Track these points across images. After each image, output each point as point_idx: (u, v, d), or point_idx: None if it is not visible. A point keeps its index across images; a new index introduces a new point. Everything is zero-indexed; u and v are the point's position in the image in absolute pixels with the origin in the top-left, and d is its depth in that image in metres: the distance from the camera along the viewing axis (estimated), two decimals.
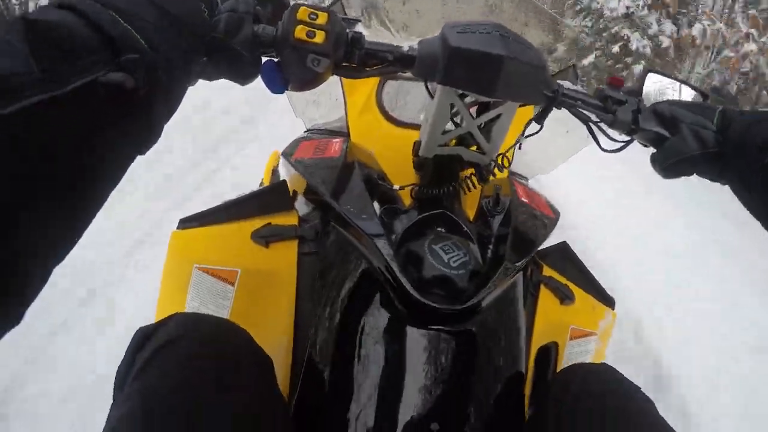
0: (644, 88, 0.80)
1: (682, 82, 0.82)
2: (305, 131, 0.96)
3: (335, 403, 0.55)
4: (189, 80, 0.44)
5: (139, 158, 0.38)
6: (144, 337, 0.51)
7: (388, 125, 0.86)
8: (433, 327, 0.56)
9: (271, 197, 0.71)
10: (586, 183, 3.12)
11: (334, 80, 0.85)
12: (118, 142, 0.34)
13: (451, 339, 0.57)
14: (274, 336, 0.63)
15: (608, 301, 0.83)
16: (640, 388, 0.60)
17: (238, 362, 0.50)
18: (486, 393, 0.57)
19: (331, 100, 0.96)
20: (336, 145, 0.78)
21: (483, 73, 0.51)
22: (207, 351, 0.49)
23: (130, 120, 0.35)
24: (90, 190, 0.32)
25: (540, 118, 0.61)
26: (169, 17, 0.39)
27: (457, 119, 0.63)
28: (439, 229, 0.62)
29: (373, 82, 0.90)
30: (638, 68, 5.89)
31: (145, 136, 0.37)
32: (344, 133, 0.86)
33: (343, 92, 0.88)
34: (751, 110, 0.58)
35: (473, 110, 0.63)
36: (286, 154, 0.78)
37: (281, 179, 0.77)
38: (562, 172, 1.11)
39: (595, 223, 2.77)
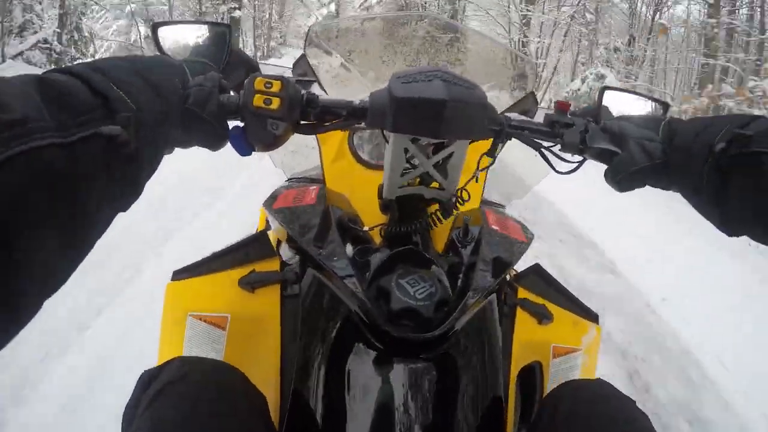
0: (603, 104, 0.83)
1: (639, 94, 0.85)
2: (286, 180, 1.01)
3: None
4: (167, 143, 0.50)
5: None
6: (149, 378, 0.56)
7: (361, 168, 0.91)
8: (408, 359, 0.59)
9: (254, 246, 0.76)
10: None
11: None
12: (110, 192, 0.39)
13: (427, 368, 0.60)
14: (264, 375, 0.66)
15: (591, 316, 0.85)
16: (634, 401, 0.61)
17: (235, 400, 0.54)
18: (465, 415, 0.59)
19: (307, 148, 1.02)
20: (312, 192, 0.83)
21: (427, 117, 0.55)
22: (206, 390, 0.54)
23: (121, 172, 0.40)
24: (82, 235, 0.37)
25: (491, 152, 0.65)
26: (150, 84, 0.45)
27: (414, 161, 0.67)
28: (408, 264, 0.65)
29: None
30: None
31: (130, 190, 0.42)
32: (321, 180, 0.91)
33: (318, 141, 0.94)
34: (694, 118, 0.61)
35: (430, 150, 0.67)
36: (267, 204, 0.83)
37: (263, 229, 0.82)
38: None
39: None
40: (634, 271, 2.78)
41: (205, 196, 3.34)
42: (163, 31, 0.73)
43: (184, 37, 0.74)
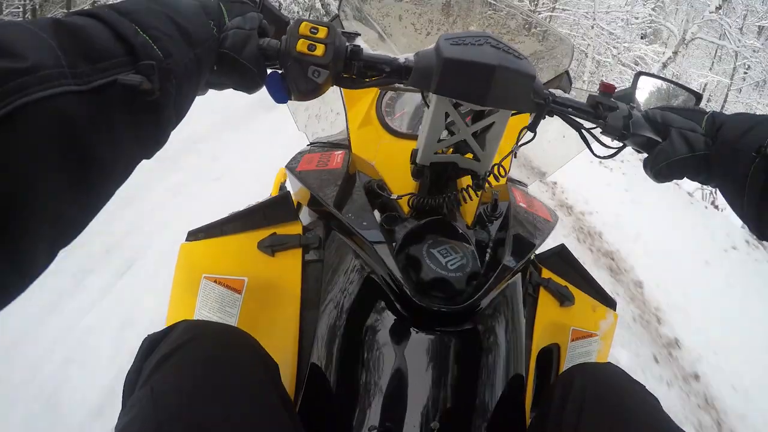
0: (637, 90, 0.81)
1: (674, 83, 0.83)
2: (308, 144, 0.99)
3: (339, 405, 0.56)
4: (197, 89, 0.48)
5: None
6: (152, 344, 0.53)
7: (388, 136, 0.88)
8: (434, 329, 0.58)
9: (275, 208, 0.74)
10: None
11: (335, 94, 0.88)
12: (129, 141, 0.37)
13: (451, 340, 0.58)
14: (280, 341, 0.65)
15: (609, 302, 0.84)
16: (644, 386, 0.60)
17: (244, 367, 0.52)
18: (486, 392, 0.59)
19: (332, 113, 0.99)
20: (338, 157, 0.80)
21: (475, 82, 0.53)
22: (213, 356, 0.51)
23: (143, 120, 0.38)
24: (98, 184, 0.35)
25: (533, 126, 0.63)
26: (181, 30, 0.43)
27: (453, 128, 0.65)
28: (438, 234, 0.63)
29: (372, 94, 0.93)
30: None
31: (153, 138, 0.40)
32: (346, 146, 0.89)
33: (344, 105, 0.91)
34: (738, 113, 0.59)
35: (468, 119, 0.65)
36: (290, 166, 0.80)
37: (285, 191, 0.80)
38: None
39: None
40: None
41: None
42: None
43: None
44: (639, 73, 0.82)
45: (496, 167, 0.66)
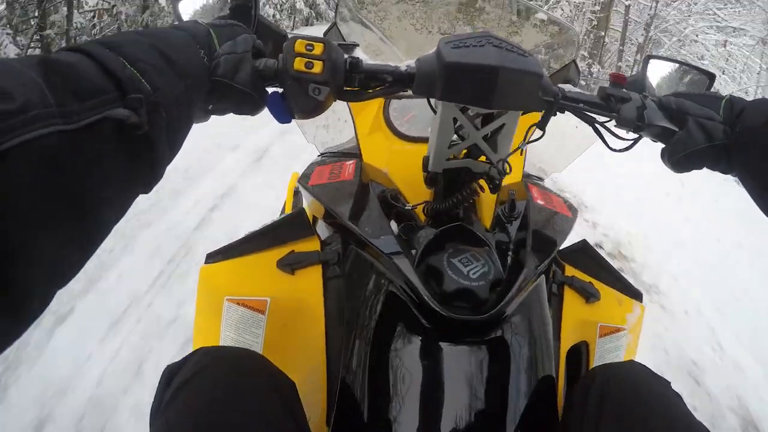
0: (647, 75, 0.79)
1: (685, 64, 0.81)
2: (319, 155, 0.99)
3: (373, 422, 0.56)
4: (191, 119, 0.47)
5: None
6: (171, 373, 0.54)
7: (399, 141, 0.87)
8: (461, 340, 0.57)
9: (291, 225, 0.74)
10: None
11: (341, 103, 0.88)
12: (122, 176, 0.36)
13: (480, 350, 0.58)
14: (307, 361, 0.65)
15: (635, 295, 0.82)
16: (669, 383, 0.59)
17: (254, 391, 0.51)
18: (519, 399, 0.58)
19: (340, 122, 0.99)
20: (349, 167, 0.80)
21: (480, 85, 0.52)
22: (226, 383, 0.51)
23: (135, 155, 0.37)
24: (93, 222, 0.34)
25: (542, 124, 0.62)
26: (169, 62, 0.42)
27: (463, 132, 0.64)
28: (457, 242, 0.63)
29: (379, 100, 0.92)
30: None
31: (147, 172, 0.40)
32: (356, 154, 0.88)
33: (351, 114, 0.91)
34: (759, 99, 0.56)
35: (478, 121, 0.64)
36: (302, 180, 0.80)
37: (299, 207, 0.80)
38: None
39: None
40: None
41: None
42: (184, 4, 0.70)
43: (207, 7, 0.71)
44: (648, 57, 0.80)
45: (500, 162, 0.64)
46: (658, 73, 0.82)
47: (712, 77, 0.80)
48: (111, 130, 0.34)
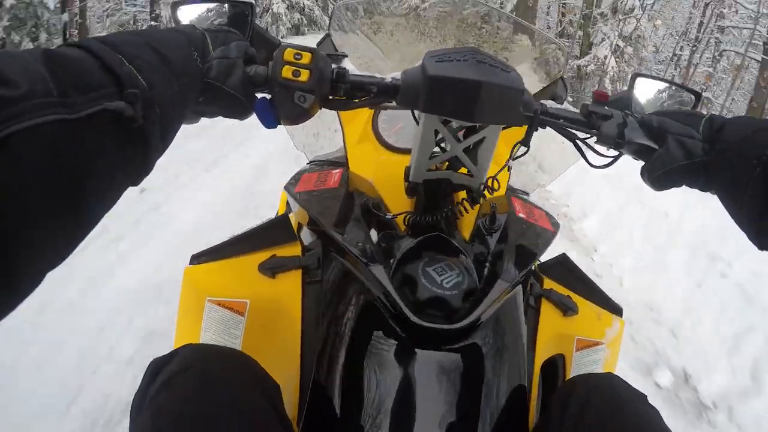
0: (634, 93, 0.80)
1: (671, 82, 0.82)
2: (308, 163, 1.00)
3: (341, 425, 0.56)
4: (183, 118, 0.49)
5: None
6: (156, 367, 0.54)
7: (386, 152, 0.89)
8: (433, 347, 0.58)
9: (274, 230, 0.75)
10: None
11: (331, 112, 0.89)
12: (116, 167, 0.38)
13: (452, 358, 0.58)
14: (283, 362, 0.65)
15: (615, 309, 0.83)
16: (645, 396, 0.59)
17: (243, 389, 0.52)
18: (489, 407, 0.58)
19: (330, 131, 1.00)
20: (335, 175, 0.81)
21: (462, 99, 0.54)
22: (212, 380, 0.52)
23: (129, 148, 0.39)
24: (86, 209, 0.36)
25: (526, 141, 0.63)
26: (164, 61, 0.44)
27: (444, 144, 0.65)
28: (434, 251, 0.64)
29: (368, 111, 0.93)
30: None
31: (139, 165, 0.41)
32: (344, 163, 0.90)
33: (341, 123, 0.92)
34: (739, 117, 0.57)
35: (461, 134, 0.65)
36: (288, 187, 0.81)
37: (284, 212, 0.81)
38: None
39: None
40: None
41: None
42: (183, 11, 0.71)
43: (205, 16, 0.73)
44: (635, 75, 0.81)
45: (489, 180, 0.65)
46: (644, 91, 0.83)
47: (698, 96, 0.81)
48: (108, 122, 0.36)
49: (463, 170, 0.67)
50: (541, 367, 0.72)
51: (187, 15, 0.72)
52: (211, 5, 0.73)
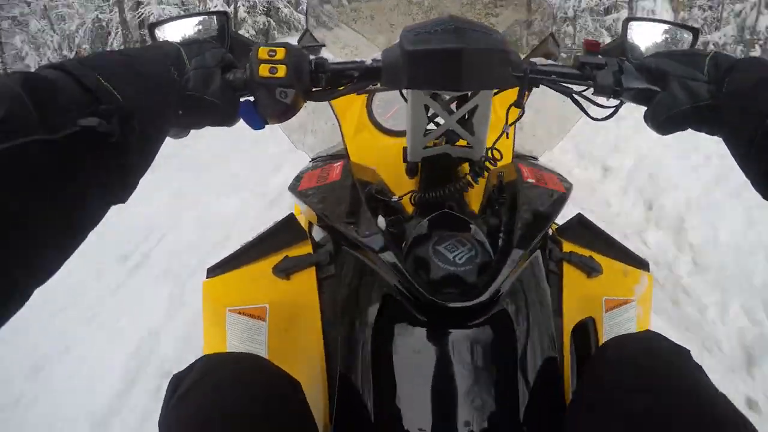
0: (628, 38, 0.77)
1: (665, 21, 0.79)
2: (310, 161, 1.00)
3: (374, 415, 0.56)
4: (163, 132, 0.49)
5: None
6: (175, 383, 0.55)
7: (384, 137, 0.88)
8: (457, 326, 0.57)
9: (283, 232, 0.75)
10: None
11: (326, 107, 0.88)
12: (97, 186, 0.38)
13: (477, 334, 0.57)
14: (308, 360, 0.65)
15: (641, 264, 0.80)
16: (689, 351, 0.57)
17: (257, 392, 0.52)
18: (520, 379, 0.57)
19: (327, 126, 0.99)
20: (337, 168, 0.80)
21: (445, 69, 0.52)
22: (225, 387, 0.52)
23: (109, 165, 0.39)
24: (70, 228, 0.36)
25: (518, 102, 0.61)
26: (140, 76, 0.45)
27: (438, 118, 0.64)
28: (444, 229, 0.62)
29: (361, 98, 0.92)
30: None
31: (121, 182, 0.41)
32: (345, 155, 0.89)
33: (336, 116, 0.91)
34: (748, 59, 0.52)
35: (454, 105, 0.64)
36: (292, 187, 0.81)
37: (290, 213, 0.81)
38: None
39: None
40: None
41: None
42: (160, 31, 0.72)
43: (183, 32, 0.73)
44: (627, 19, 0.78)
45: (489, 151, 0.64)
46: (639, 35, 0.79)
47: (695, 32, 0.78)
48: (87, 139, 0.36)
49: (463, 142, 0.65)
50: (571, 333, 0.71)
51: (165, 34, 0.73)
52: (186, 20, 0.74)
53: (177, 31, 0.74)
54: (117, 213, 0.44)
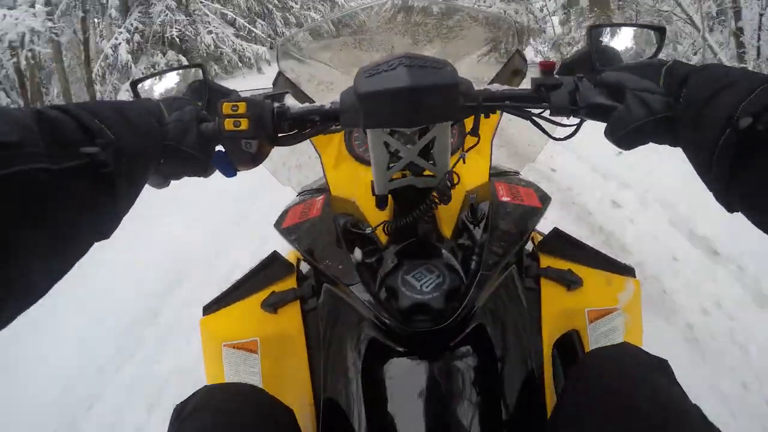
0: (594, 48, 0.76)
1: (629, 24, 0.78)
2: (297, 195, 1.03)
3: None
4: (146, 175, 0.54)
5: None
6: (177, 412, 0.59)
7: (363, 167, 0.90)
8: (429, 352, 0.59)
9: (269, 268, 0.79)
10: None
11: (307, 142, 0.91)
12: (86, 218, 0.43)
13: (452, 356, 0.59)
14: (297, 389, 0.69)
15: (626, 271, 0.80)
16: (665, 362, 0.58)
17: (251, 420, 0.57)
18: (501, 396, 0.59)
19: (312, 159, 1.02)
20: (318, 203, 0.83)
21: (396, 108, 0.54)
22: (221, 414, 0.57)
23: (99, 197, 0.44)
24: (56, 256, 0.40)
25: (474, 131, 0.63)
26: (129, 122, 0.50)
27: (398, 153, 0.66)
28: (415, 257, 0.64)
29: (340, 133, 0.95)
30: None
31: (107, 218, 0.46)
32: (327, 188, 0.92)
33: (317, 150, 0.94)
34: (704, 66, 0.51)
35: (417, 136, 0.66)
36: (277, 224, 0.84)
37: (274, 250, 0.84)
38: None
39: None
40: None
41: None
42: (142, 87, 0.76)
43: (162, 86, 0.77)
44: (590, 27, 0.76)
45: (447, 174, 0.65)
46: (606, 42, 0.78)
47: (662, 31, 0.76)
48: (83, 171, 0.41)
49: (428, 171, 0.67)
50: (556, 347, 0.71)
51: (147, 90, 0.77)
52: (165, 75, 0.78)
53: (157, 86, 0.78)
54: None
